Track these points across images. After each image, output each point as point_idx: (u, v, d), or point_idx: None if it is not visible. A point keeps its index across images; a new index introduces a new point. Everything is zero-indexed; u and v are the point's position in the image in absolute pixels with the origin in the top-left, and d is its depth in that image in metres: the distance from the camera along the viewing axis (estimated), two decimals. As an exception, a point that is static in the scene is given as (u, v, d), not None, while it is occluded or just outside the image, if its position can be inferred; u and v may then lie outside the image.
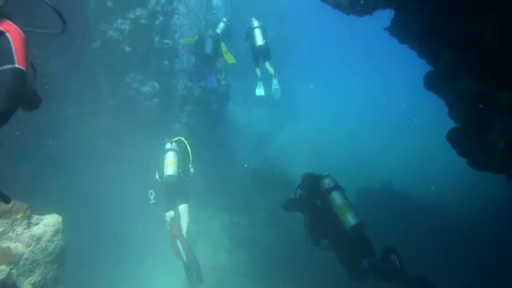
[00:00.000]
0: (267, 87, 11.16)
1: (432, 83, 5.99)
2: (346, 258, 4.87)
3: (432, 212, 11.09)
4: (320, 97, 23.38)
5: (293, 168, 13.14)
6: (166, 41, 11.57)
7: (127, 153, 9.51)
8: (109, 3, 10.17)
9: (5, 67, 1.73)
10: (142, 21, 10.68)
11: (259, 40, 10.17)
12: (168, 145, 7.63)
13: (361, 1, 5.64)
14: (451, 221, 10.18)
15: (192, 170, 7.72)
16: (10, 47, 1.77)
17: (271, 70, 10.55)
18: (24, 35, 1.90)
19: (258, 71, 10.84)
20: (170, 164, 7.13)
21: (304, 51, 24.61)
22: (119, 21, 10.44)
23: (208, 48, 10.52)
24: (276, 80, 10.89)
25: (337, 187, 5.14)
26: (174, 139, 7.79)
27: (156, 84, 11.59)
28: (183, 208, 7.33)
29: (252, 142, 16.04)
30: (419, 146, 16.50)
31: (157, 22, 11.22)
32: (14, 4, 1.96)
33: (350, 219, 4.74)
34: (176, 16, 12.04)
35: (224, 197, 11.71)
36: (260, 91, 11.18)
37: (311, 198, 5.36)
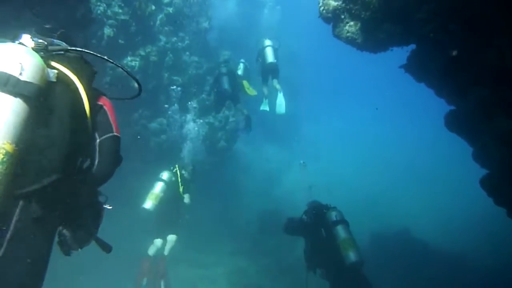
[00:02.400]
0: (272, 104, 11.10)
1: (455, 123, 5.55)
2: None
3: (453, 265, 10.18)
4: (331, 136, 23.02)
5: (302, 210, 12.47)
6: (175, 77, 11.54)
7: (129, 193, 9.06)
8: (120, 41, 10.24)
9: (108, 135, 2.01)
10: (152, 58, 10.71)
11: (270, 57, 10.29)
12: (163, 175, 7.57)
13: (381, 36, 5.34)
14: (476, 278, 9.19)
15: (186, 201, 7.55)
16: (108, 119, 2.05)
17: (278, 87, 10.63)
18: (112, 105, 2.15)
19: (265, 89, 10.90)
20: (152, 196, 7.18)
21: (315, 90, 24.66)
22: (129, 58, 10.47)
23: (225, 83, 10.33)
24: (282, 94, 10.75)
25: (343, 221, 5.17)
26: (173, 169, 7.76)
27: (164, 121, 11.44)
28: (170, 238, 7.47)
29: (260, 182, 15.52)
30: (437, 189, 15.74)
31: (167, 59, 11.25)
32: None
33: (351, 256, 4.75)
34: (187, 53, 12.08)
35: (229, 240, 11.05)
36: (264, 107, 11.23)
37: (316, 227, 5.39)
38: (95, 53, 2.07)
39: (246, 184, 14.31)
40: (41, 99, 1.62)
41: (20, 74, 1.56)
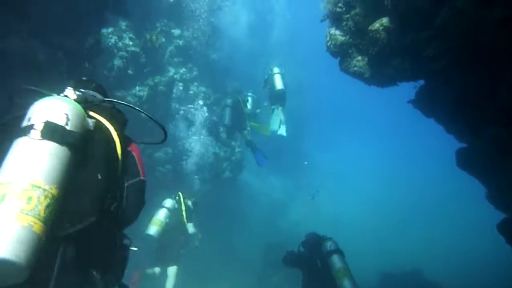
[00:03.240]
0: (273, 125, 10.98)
1: (467, 161, 5.36)
2: None
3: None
4: (337, 168, 22.72)
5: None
6: (183, 107, 11.60)
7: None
8: (130, 71, 10.40)
9: (135, 180, 2.11)
10: (160, 88, 10.82)
11: (279, 84, 10.31)
12: (166, 202, 7.52)
13: (389, 71, 5.29)
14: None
15: (191, 231, 7.42)
16: (136, 164, 2.16)
17: (282, 116, 10.62)
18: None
19: (279, 115, 10.80)
20: (155, 222, 7.13)
21: (321, 121, 24.65)
22: (137, 87, 10.58)
23: (226, 118, 10.32)
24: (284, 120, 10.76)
25: (338, 251, 5.24)
26: (175, 197, 7.68)
27: (170, 150, 11.39)
28: (171, 270, 7.28)
29: (265, 213, 15.18)
30: (447, 228, 15.20)
31: (175, 89, 11.36)
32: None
33: (347, 285, 4.80)
34: (195, 83, 12.21)
35: (233, 274, 10.63)
36: (282, 131, 11.07)
37: (312, 257, 5.46)
38: (125, 103, 2.32)
39: (251, 215, 14.00)
40: (81, 146, 1.75)
41: (66, 124, 1.71)
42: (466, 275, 11.59)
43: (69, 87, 2.09)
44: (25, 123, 1.67)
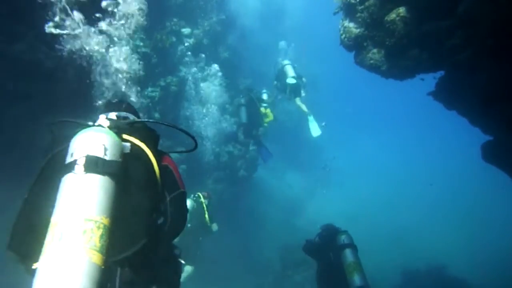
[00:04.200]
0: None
1: (495, 154, 5.05)
2: None
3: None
4: (355, 164, 22.30)
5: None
6: (195, 106, 11.51)
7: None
8: (141, 72, 10.34)
9: (176, 193, 2.15)
10: (172, 88, 10.74)
11: (291, 73, 9.99)
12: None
13: (407, 63, 5.02)
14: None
15: (214, 228, 7.32)
16: (174, 177, 2.19)
17: (304, 107, 10.29)
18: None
19: (303, 107, 10.48)
20: None
21: (338, 117, 24.23)
22: (149, 88, 10.53)
23: (243, 117, 10.15)
24: (311, 116, 10.49)
25: (351, 245, 5.18)
26: (193, 197, 7.42)
27: (183, 149, 11.33)
28: (187, 269, 7.07)
29: (282, 212, 14.97)
30: (472, 224, 14.69)
31: (187, 88, 11.27)
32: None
33: (356, 280, 4.75)
34: (207, 82, 12.10)
35: (250, 276, 10.50)
36: (314, 127, 10.70)
37: (325, 250, 5.43)
38: (155, 121, 2.38)
39: (268, 214, 13.83)
40: (122, 173, 1.82)
41: (105, 154, 1.78)
42: (491, 272, 11.15)
43: (101, 114, 2.18)
44: (68, 159, 1.76)
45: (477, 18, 3.30)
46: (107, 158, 1.76)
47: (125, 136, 2.03)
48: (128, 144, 1.97)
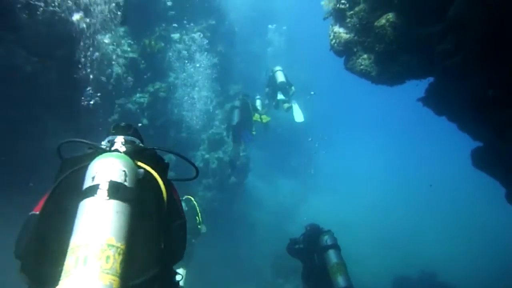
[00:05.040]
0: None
1: (484, 160, 5.01)
2: None
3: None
4: (346, 169, 22.28)
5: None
6: (184, 113, 11.37)
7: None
8: (129, 78, 10.18)
9: (179, 221, 2.16)
10: (161, 94, 10.59)
11: (280, 77, 10.14)
12: None
13: (397, 68, 4.98)
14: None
15: (203, 230, 7.35)
16: (178, 206, 2.23)
17: (286, 105, 10.36)
18: None
19: (285, 105, 10.49)
20: None
21: (330, 122, 24.24)
22: (138, 94, 10.37)
23: (235, 119, 10.04)
24: (296, 105, 10.52)
25: (334, 246, 5.18)
26: (183, 198, 7.33)
27: (173, 157, 11.14)
28: (181, 271, 6.93)
29: (274, 218, 14.79)
30: (463, 231, 14.72)
31: (176, 94, 11.13)
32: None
33: (340, 281, 4.76)
34: (196, 88, 11.98)
35: (240, 284, 10.30)
36: (297, 115, 10.62)
37: (309, 251, 5.40)
38: (164, 149, 2.42)
39: (259, 221, 13.66)
40: (139, 200, 1.83)
41: (125, 180, 1.80)
42: (482, 278, 11.15)
43: (109, 137, 2.23)
44: (88, 183, 1.76)
45: (468, 22, 3.25)
46: (127, 184, 1.79)
47: (139, 163, 2.05)
48: (141, 171, 1.98)
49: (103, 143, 2.23)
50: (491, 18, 2.93)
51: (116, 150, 2.05)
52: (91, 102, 8.62)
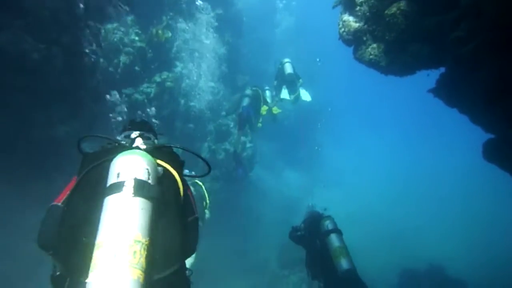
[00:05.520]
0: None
1: (497, 152, 4.88)
2: None
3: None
4: (354, 163, 22.11)
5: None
6: (192, 103, 11.34)
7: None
8: (137, 68, 10.17)
9: (193, 217, 2.21)
10: (168, 84, 10.56)
11: (288, 69, 10.00)
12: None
13: (407, 58, 4.85)
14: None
15: (207, 215, 7.24)
16: (191, 203, 2.25)
17: (291, 96, 10.28)
18: None
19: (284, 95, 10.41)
20: None
21: (337, 114, 23.99)
22: (145, 84, 10.35)
23: (245, 101, 9.94)
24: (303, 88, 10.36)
25: (335, 230, 5.23)
26: (190, 182, 7.26)
27: (179, 150, 11.16)
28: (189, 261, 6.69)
29: (280, 210, 14.75)
30: (471, 224, 14.52)
31: (183, 85, 11.09)
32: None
33: (343, 264, 4.84)
34: (203, 78, 11.92)
35: (246, 276, 10.33)
36: (306, 96, 10.56)
37: (311, 237, 5.46)
38: (180, 146, 2.47)
39: (265, 213, 13.64)
40: (161, 197, 1.89)
41: (148, 178, 1.86)
42: (491, 273, 11.02)
43: (136, 137, 2.30)
44: (113, 179, 1.82)
45: (482, 9, 3.13)
46: (150, 182, 1.85)
47: (158, 161, 2.09)
48: (161, 168, 2.03)
49: (119, 138, 2.33)
50: (507, 5, 2.81)
51: (137, 148, 2.12)
52: (119, 119, 8.75)
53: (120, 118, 9.48)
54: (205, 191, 7.29)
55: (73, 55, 4.87)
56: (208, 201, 7.23)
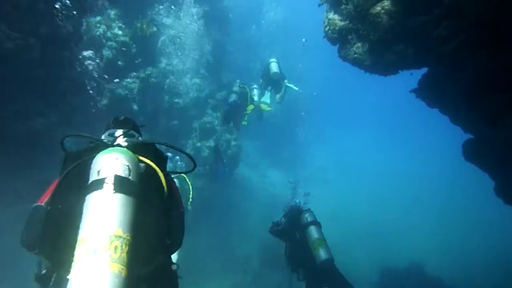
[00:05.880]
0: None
1: (475, 152, 4.99)
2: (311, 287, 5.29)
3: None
4: (337, 161, 22.31)
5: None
6: (176, 100, 11.19)
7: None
8: (120, 62, 9.96)
9: (178, 211, 2.25)
10: (152, 79, 10.40)
11: (274, 68, 10.01)
12: None
13: (391, 58, 4.89)
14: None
15: (189, 207, 7.10)
16: (177, 197, 2.29)
17: (279, 100, 10.37)
18: None
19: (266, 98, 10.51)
20: None
21: (321, 113, 24.16)
22: (129, 79, 10.16)
23: (232, 97, 9.92)
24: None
25: (315, 222, 5.43)
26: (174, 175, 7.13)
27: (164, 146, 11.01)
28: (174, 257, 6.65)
29: (264, 208, 14.73)
30: (450, 222, 14.84)
31: (167, 81, 10.94)
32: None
33: (322, 254, 5.05)
34: (188, 75, 11.78)
35: (229, 273, 10.29)
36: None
37: (291, 230, 5.64)
38: (163, 143, 2.43)
39: (249, 211, 13.62)
40: (142, 193, 1.91)
41: (129, 175, 1.88)
42: (470, 270, 11.30)
43: (116, 133, 2.33)
44: (94, 176, 1.85)
45: (464, 7, 3.17)
46: (130, 179, 1.87)
47: (140, 157, 2.12)
48: (143, 165, 2.06)
49: (103, 136, 2.34)
50: (487, 2, 2.85)
51: (119, 145, 2.15)
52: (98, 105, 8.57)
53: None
54: (189, 183, 7.24)
55: (51, 46, 4.70)
56: (191, 196, 7.19)
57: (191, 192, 7.20)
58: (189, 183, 7.27)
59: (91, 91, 8.67)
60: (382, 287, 11.06)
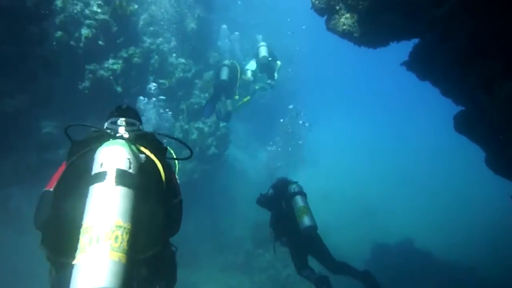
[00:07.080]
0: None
1: (467, 124, 4.86)
2: (295, 253, 5.52)
3: (459, 277, 9.48)
4: (328, 142, 22.25)
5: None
6: (161, 81, 10.85)
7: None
8: (100, 42, 9.54)
9: (177, 200, 2.42)
10: (135, 59, 10.01)
11: (263, 52, 9.83)
12: None
13: (381, 28, 4.66)
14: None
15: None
16: (176, 186, 2.46)
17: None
18: None
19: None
20: None
21: (312, 93, 23.95)
22: (110, 60, 9.76)
23: (224, 75, 9.67)
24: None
25: (301, 193, 5.61)
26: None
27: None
28: None
29: (255, 190, 14.65)
30: (439, 197, 14.96)
31: (152, 61, 10.57)
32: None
33: (305, 221, 5.21)
34: (174, 54, 11.41)
35: (220, 254, 10.26)
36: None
37: (278, 199, 5.81)
38: (163, 134, 2.58)
39: (239, 193, 13.51)
40: (142, 184, 2.03)
41: (130, 168, 2.00)
42: (460, 244, 11.45)
43: (118, 122, 2.40)
44: (97, 169, 1.97)
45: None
46: (131, 171, 1.99)
47: (140, 148, 2.24)
48: (143, 156, 2.17)
49: (106, 124, 2.44)
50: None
51: (121, 137, 2.24)
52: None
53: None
54: (176, 165, 7.09)
55: (18, 21, 4.36)
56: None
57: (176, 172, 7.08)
58: (177, 167, 7.12)
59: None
60: (374, 263, 11.18)
